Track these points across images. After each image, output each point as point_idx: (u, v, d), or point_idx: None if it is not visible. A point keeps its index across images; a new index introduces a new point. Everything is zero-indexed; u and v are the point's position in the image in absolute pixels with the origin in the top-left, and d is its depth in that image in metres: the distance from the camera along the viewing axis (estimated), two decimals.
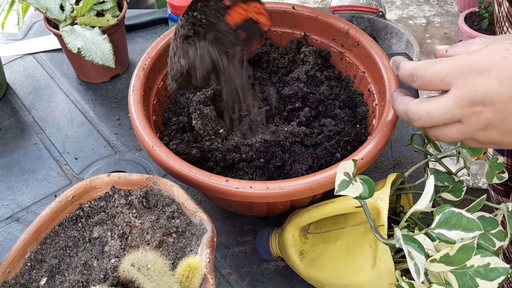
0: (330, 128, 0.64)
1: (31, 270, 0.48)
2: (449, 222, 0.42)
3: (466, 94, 0.44)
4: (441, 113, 0.45)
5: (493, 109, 0.43)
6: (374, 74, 0.66)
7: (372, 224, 0.46)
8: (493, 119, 0.43)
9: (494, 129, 0.44)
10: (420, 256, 0.42)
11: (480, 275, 0.43)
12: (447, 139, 0.47)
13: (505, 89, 0.42)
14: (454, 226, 0.42)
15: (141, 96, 0.61)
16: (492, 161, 0.54)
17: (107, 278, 0.47)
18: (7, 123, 0.84)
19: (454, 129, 0.46)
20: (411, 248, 0.42)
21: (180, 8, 0.88)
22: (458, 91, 0.44)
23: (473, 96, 0.43)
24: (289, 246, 0.59)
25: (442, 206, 0.43)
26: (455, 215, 0.42)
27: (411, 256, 0.41)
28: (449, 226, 0.42)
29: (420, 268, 0.41)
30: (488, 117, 0.43)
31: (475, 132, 0.45)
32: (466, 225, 0.42)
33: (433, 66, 0.45)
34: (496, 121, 0.43)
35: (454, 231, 0.42)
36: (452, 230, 0.42)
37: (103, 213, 0.51)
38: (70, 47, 0.79)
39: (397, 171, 0.75)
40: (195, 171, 0.53)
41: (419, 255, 0.42)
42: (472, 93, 0.43)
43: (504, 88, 0.42)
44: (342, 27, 0.70)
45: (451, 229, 0.42)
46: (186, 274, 0.41)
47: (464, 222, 0.42)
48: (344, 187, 0.45)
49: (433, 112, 0.46)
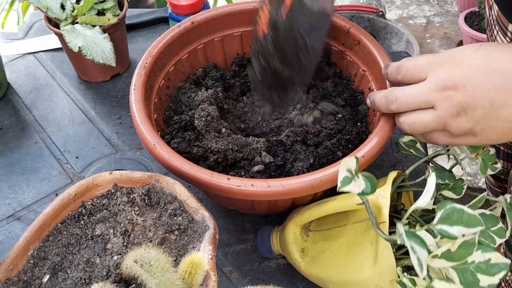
0: (332, 126, 0.64)
1: (34, 268, 0.48)
2: (450, 218, 0.43)
3: (440, 78, 0.48)
4: (417, 95, 0.49)
5: (464, 93, 0.46)
6: (375, 73, 0.66)
7: (374, 221, 0.46)
8: (464, 102, 0.46)
9: (465, 115, 0.46)
10: (422, 251, 0.42)
11: (481, 271, 0.43)
12: (421, 125, 0.50)
13: (476, 74, 0.46)
14: (455, 222, 0.43)
15: (142, 94, 0.62)
16: (484, 154, 0.55)
17: (109, 275, 0.47)
18: (8, 122, 0.84)
19: (428, 114, 0.49)
20: (414, 243, 0.42)
21: (180, 7, 0.88)
22: (434, 77, 0.48)
23: (447, 80, 0.47)
24: (290, 243, 0.59)
25: (443, 202, 0.43)
26: (456, 211, 0.43)
27: (414, 250, 0.42)
28: (450, 222, 0.43)
29: (423, 262, 0.41)
30: (459, 100, 0.46)
31: (448, 119, 0.47)
32: (467, 221, 0.42)
33: (415, 59, 0.51)
34: (467, 105, 0.46)
35: (456, 227, 0.42)
36: (453, 226, 0.42)
37: (105, 211, 0.51)
38: (71, 46, 0.79)
39: (398, 169, 0.75)
40: (197, 170, 0.53)
41: (421, 250, 0.42)
42: (446, 78, 0.47)
43: (475, 73, 0.46)
44: (343, 26, 0.70)
45: (452, 225, 0.42)
46: (188, 271, 0.42)
47: (465, 218, 0.42)
48: (347, 184, 0.45)
49: (409, 93, 0.50)
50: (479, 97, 0.46)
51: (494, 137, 0.47)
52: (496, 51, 0.47)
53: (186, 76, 0.74)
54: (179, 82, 0.72)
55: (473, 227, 0.42)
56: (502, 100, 0.45)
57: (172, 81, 0.71)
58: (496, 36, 0.74)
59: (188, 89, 0.71)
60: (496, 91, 0.45)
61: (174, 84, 0.71)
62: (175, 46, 0.70)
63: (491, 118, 0.46)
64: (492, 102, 0.45)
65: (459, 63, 0.47)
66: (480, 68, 0.46)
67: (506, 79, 0.45)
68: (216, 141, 0.61)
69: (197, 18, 0.72)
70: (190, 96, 0.69)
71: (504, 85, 0.45)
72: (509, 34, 0.69)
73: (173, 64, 0.70)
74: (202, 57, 0.75)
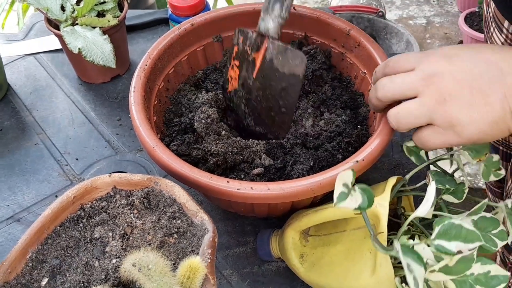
0: (332, 129, 0.64)
1: (32, 271, 0.48)
2: (448, 234, 0.42)
3: (427, 67, 0.48)
4: (402, 82, 0.50)
5: (451, 79, 0.46)
6: None
7: (372, 232, 0.46)
8: (451, 88, 0.46)
9: (453, 101, 0.46)
10: (419, 268, 0.41)
11: (480, 283, 0.43)
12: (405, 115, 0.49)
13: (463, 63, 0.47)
14: (453, 238, 0.42)
15: (142, 96, 0.61)
16: (487, 160, 0.54)
17: (108, 279, 0.47)
18: (8, 123, 0.84)
19: (413, 103, 0.49)
20: (410, 260, 0.41)
21: (180, 9, 0.88)
22: (421, 67, 0.49)
23: (434, 69, 0.48)
24: (289, 249, 0.59)
25: (441, 218, 0.43)
26: (454, 226, 0.42)
27: (410, 269, 0.41)
28: (448, 238, 0.42)
29: (419, 281, 0.41)
30: (446, 85, 0.46)
31: (434, 106, 0.47)
32: (465, 237, 0.42)
33: (404, 54, 0.52)
34: (454, 90, 0.46)
35: (454, 243, 0.42)
36: (451, 242, 0.42)
37: (104, 214, 0.51)
38: (71, 47, 0.79)
39: (398, 171, 0.75)
40: (196, 172, 0.53)
41: (418, 267, 0.41)
42: (434, 67, 0.48)
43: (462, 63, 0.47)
44: (343, 28, 0.70)
45: (450, 241, 0.42)
46: (187, 275, 0.41)
47: (463, 233, 0.42)
48: (343, 199, 0.44)
49: (395, 80, 0.50)
50: (467, 83, 0.46)
51: (485, 127, 0.46)
52: (480, 46, 0.48)
53: (186, 78, 0.73)
54: (179, 84, 0.72)
55: (471, 243, 0.42)
56: (489, 86, 0.45)
57: (172, 83, 0.71)
58: (493, 33, 0.74)
59: (188, 91, 0.71)
60: (483, 78, 0.45)
61: (174, 86, 0.71)
62: (175, 48, 0.70)
63: (480, 104, 0.45)
64: (479, 88, 0.45)
65: (446, 56, 0.48)
66: (467, 59, 0.47)
67: (492, 67, 0.45)
68: (216, 143, 0.61)
69: (197, 20, 0.71)
70: (190, 99, 0.69)
71: (490, 73, 0.45)
72: (505, 31, 0.69)
73: (173, 66, 0.70)
74: (202, 59, 0.75)
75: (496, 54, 0.46)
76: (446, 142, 0.49)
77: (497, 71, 0.45)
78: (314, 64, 0.71)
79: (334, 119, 0.65)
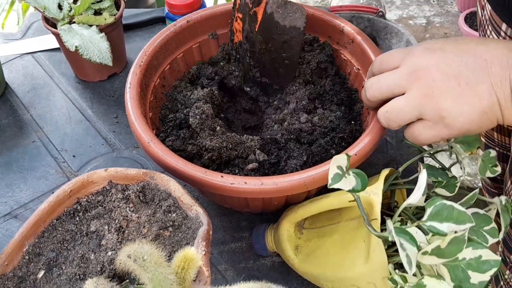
0: (326, 124, 0.65)
1: (29, 263, 0.48)
2: (440, 215, 0.43)
3: (412, 63, 0.48)
4: (388, 79, 0.50)
5: (437, 72, 0.46)
6: None
7: (365, 217, 0.47)
8: (438, 79, 0.46)
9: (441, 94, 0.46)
10: (412, 248, 0.42)
11: (472, 268, 0.44)
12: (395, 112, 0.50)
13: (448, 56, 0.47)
14: (445, 219, 0.43)
15: (137, 93, 0.62)
16: (484, 155, 0.55)
17: (104, 271, 0.47)
18: (6, 121, 0.85)
19: (401, 98, 0.49)
20: (403, 240, 0.42)
21: (177, 7, 0.89)
22: (406, 62, 0.49)
23: (419, 63, 0.48)
24: (284, 241, 0.59)
25: (433, 198, 0.44)
26: (446, 207, 0.43)
27: (403, 247, 0.42)
28: (440, 219, 0.43)
29: (412, 259, 0.42)
30: (433, 78, 0.46)
31: (422, 100, 0.47)
32: (457, 218, 0.43)
33: (388, 52, 0.53)
34: (442, 83, 0.46)
35: (446, 224, 0.43)
36: (443, 223, 0.43)
37: (100, 207, 0.52)
38: (68, 45, 0.79)
39: (392, 167, 0.74)
40: (191, 167, 0.54)
41: (411, 246, 0.42)
42: (419, 62, 0.48)
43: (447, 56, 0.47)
44: (337, 24, 0.70)
45: (442, 222, 0.43)
46: (182, 265, 0.42)
47: (455, 214, 0.43)
48: (337, 180, 0.45)
49: (382, 78, 0.51)
50: (454, 74, 0.46)
51: (475, 118, 0.46)
52: (463, 38, 0.49)
53: (182, 75, 0.74)
54: (174, 81, 0.72)
55: (463, 224, 0.43)
56: (476, 76, 0.45)
57: (168, 80, 0.71)
58: (489, 36, 0.74)
59: (183, 88, 0.71)
60: (469, 69, 0.45)
61: (169, 83, 0.72)
62: (171, 45, 0.71)
63: (468, 95, 0.45)
64: (466, 79, 0.45)
65: (430, 49, 0.48)
66: (451, 51, 0.47)
67: (476, 58, 0.45)
68: (211, 139, 0.61)
69: (193, 16, 0.72)
70: (186, 95, 0.70)
71: (476, 64, 0.45)
72: (503, 34, 0.69)
73: (168, 63, 0.71)
74: (197, 56, 0.75)
75: (479, 45, 0.46)
76: (437, 135, 0.49)
77: (482, 62, 0.45)
78: (322, 55, 0.71)
79: (328, 114, 0.66)
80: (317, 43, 0.73)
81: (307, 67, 0.70)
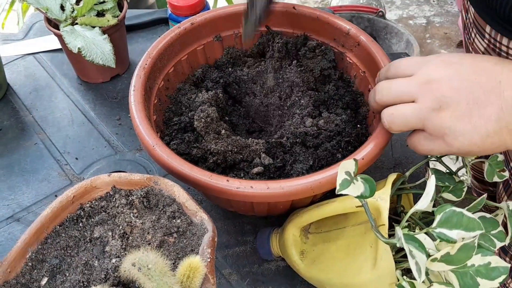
0: (331, 128, 0.64)
1: (32, 270, 0.48)
2: (450, 222, 0.42)
3: (426, 73, 0.48)
4: (400, 86, 0.50)
5: (450, 87, 0.46)
6: (375, 74, 0.65)
7: (373, 223, 0.46)
8: (448, 96, 0.45)
9: (447, 110, 0.46)
10: (421, 255, 0.42)
11: (481, 274, 0.43)
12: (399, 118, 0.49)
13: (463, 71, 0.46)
14: (455, 226, 0.42)
15: (141, 95, 0.61)
16: (492, 159, 0.54)
17: (108, 278, 0.47)
18: (8, 123, 0.84)
19: (408, 106, 0.49)
20: (412, 247, 0.42)
21: (180, 8, 0.88)
22: (420, 72, 0.49)
23: (433, 75, 0.47)
24: (289, 245, 0.59)
25: (443, 205, 0.43)
26: (456, 214, 0.42)
27: (412, 255, 0.41)
28: (450, 226, 0.42)
29: (421, 267, 0.41)
30: (443, 93, 0.46)
31: (428, 113, 0.47)
32: (467, 225, 0.42)
33: (405, 58, 0.52)
34: (451, 99, 0.45)
35: (455, 231, 0.42)
36: (453, 230, 0.42)
37: (104, 213, 0.51)
38: (71, 47, 0.79)
39: (397, 171, 0.75)
40: (196, 171, 0.53)
41: (420, 254, 0.42)
42: (433, 74, 0.47)
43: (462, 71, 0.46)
44: (342, 27, 0.70)
45: (452, 229, 0.42)
46: (187, 274, 0.41)
47: (465, 221, 0.42)
48: (346, 186, 0.44)
49: (394, 84, 0.50)
50: (465, 92, 0.45)
51: (476, 140, 0.45)
52: (482, 56, 0.48)
53: (186, 77, 0.73)
54: (178, 84, 0.72)
55: (472, 231, 0.42)
56: (486, 97, 0.44)
57: (172, 82, 0.71)
58: (474, 39, 0.73)
59: (188, 91, 0.71)
60: (481, 89, 0.44)
61: (173, 86, 0.71)
62: (175, 47, 0.70)
63: (475, 116, 0.44)
64: (476, 99, 0.44)
65: (447, 62, 0.47)
66: (468, 67, 0.46)
67: (490, 79, 0.44)
68: (216, 142, 0.60)
69: (197, 19, 0.71)
70: (190, 98, 0.69)
71: (489, 84, 0.44)
72: (487, 36, 0.67)
73: (172, 65, 0.70)
74: (202, 58, 0.75)
75: (497, 66, 0.45)
76: (434, 149, 0.49)
77: (495, 83, 0.44)
78: (324, 62, 0.70)
79: (333, 118, 0.65)
80: (319, 48, 0.72)
81: (311, 75, 0.70)
